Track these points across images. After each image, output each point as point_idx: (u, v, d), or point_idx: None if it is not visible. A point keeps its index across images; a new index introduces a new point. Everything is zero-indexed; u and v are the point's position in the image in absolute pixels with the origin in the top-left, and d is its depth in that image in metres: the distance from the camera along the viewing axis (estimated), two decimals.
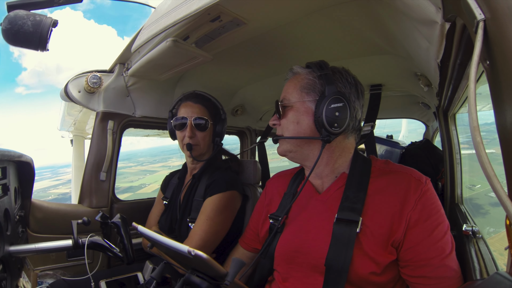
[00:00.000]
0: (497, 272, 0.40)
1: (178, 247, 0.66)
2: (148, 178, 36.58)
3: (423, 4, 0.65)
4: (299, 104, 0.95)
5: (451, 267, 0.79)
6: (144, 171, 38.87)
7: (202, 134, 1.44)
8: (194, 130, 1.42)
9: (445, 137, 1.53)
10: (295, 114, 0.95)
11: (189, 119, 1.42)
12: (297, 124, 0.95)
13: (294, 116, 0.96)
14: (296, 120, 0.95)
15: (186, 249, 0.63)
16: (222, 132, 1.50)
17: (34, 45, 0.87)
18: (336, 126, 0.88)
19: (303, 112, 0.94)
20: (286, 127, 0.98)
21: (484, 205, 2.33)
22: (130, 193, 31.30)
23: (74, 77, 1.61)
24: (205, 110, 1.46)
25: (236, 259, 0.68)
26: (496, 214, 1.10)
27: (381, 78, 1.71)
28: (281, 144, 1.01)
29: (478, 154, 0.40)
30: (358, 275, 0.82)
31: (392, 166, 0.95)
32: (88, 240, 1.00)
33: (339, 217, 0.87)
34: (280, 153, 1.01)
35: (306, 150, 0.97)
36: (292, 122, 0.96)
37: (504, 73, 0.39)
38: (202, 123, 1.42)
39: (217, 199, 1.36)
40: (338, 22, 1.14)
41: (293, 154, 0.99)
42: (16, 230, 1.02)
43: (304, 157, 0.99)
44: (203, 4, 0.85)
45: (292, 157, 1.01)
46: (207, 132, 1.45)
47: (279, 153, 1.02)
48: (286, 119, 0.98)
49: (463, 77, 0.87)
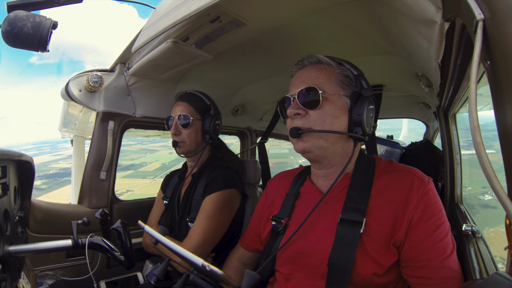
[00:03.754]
0: (497, 272, 0.40)
1: (191, 258, 0.65)
2: (148, 157, 37.10)
3: (423, 4, 0.65)
4: (336, 98, 0.89)
5: (452, 267, 0.79)
6: (145, 150, 39.21)
7: (186, 131, 1.45)
8: (178, 127, 1.45)
9: (445, 137, 1.53)
10: (333, 107, 0.88)
11: (175, 117, 1.45)
12: (335, 118, 0.88)
13: (332, 109, 0.88)
14: (334, 114, 0.88)
15: (200, 263, 0.62)
16: (210, 128, 1.48)
17: (34, 47, 0.87)
18: (369, 127, 0.88)
19: (340, 106, 0.89)
20: (322, 119, 0.88)
21: (475, 206, 2.36)
22: (131, 170, 31.81)
23: (75, 76, 1.61)
24: (189, 107, 1.47)
25: (249, 272, 0.66)
26: (486, 214, 1.13)
27: (381, 78, 1.71)
28: (307, 139, 0.89)
29: (478, 154, 0.40)
30: (360, 276, 0.81)
31: (395, 166, 0.95)
32: (88, 240, 1.00)
33: (343, 218, 0.86)
34: (306, 148, 0.90)
35: (336, 148, 0.91)
36: (330, 115, 0.88)
37: (504, 73, 0.38)
38: (186, 120, 1.45)
39: (215, 198, 1.36)
40: (338, 22, 1.14)
41: (321, 152, 0.90)
42: (15, 230, 1.02)
43: (329, 156, 0.93)
44: (203, 4, 0.85)
45: (317, 155, 0.92)
46: (192, 129, 1.46)
47: (302, 149, 0.91)
48: (322, 111, 0.88)
49: (464, 78, 0.87)
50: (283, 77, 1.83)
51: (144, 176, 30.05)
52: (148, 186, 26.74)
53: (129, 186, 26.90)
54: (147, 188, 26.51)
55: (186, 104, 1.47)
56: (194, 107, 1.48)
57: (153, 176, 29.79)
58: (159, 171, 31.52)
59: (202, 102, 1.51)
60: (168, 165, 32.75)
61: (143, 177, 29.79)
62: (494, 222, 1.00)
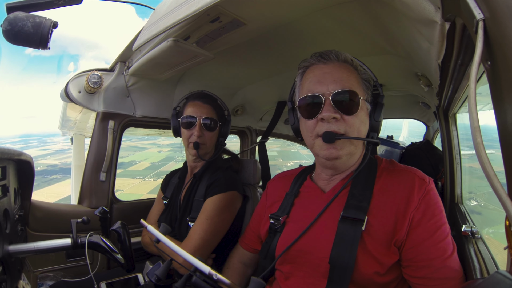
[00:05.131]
0: (498, 271, 0.40)
1: (199, 266, 0.65)
2: (138, 155, 37.08)
3: (422, 3, 0.65)
4: (363, 103, 0.86)
5: (454, 268, 0.79)
6: (134, 147, 39.09)
7: (210, 134, 1.46)
8: (203, 129, 1.44)
9: (445, 136, 1.53)
10: (363, 113, 0.87)
11: (198, 118, 1.43)
12: (363, 124, 0.87)
13: (364, 116, 0.87)
14: (364, 120, 0.87)
15: (207, 271, 0.62)
16: (226, 132, 1.53)
17: (35, 45, 0.87)
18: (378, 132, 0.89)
19: (366, 112, 0.88)
20: (357, 126, 0.85)
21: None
22: (121, 169, 31.44)
23: (75, 76, 1.60)
24: (213, 111, 1.48)
25: (255, 279, 0.66)
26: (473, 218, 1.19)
27: (381, 78, 1.70)
28: (342, 146, 0.85)
29: (478, 155, 0.40)
30: (362, 274, 0.81)
31: (397, 166, 0.95)
32: (87, 239, 1.00)
33: (345, 215, 0.86)
34: (338, 156, 0.86)
35: (359, 153, 0.92)
36: (362, 122, 0.86)
37: (505, 73, 0.38)
38: (211, 123, 1.45)
39: (217, 200, 1.36)
40: (338, 22, 1.14)
41: (347, 158, 0.89)
42: (15, 228, 1.01)
43: (350, 162, 0.93)
44: (202, 5, 0.85)
45: (342, 162, 0.90)
46: (215, 133, 1.48)
47: (333, 157, 0.86)
48: (358, 117, 0.85)
49: (464, 77, 0.87)
50: (283, 77, 1.83)
51: (133, 176, 30.02)
52: (138, 186, 26.77)
53: (119, 186, 26.86)
54: (137, 188, 26.52)
55: (209, 107, 1.47)
56: (216, 111, 1.49)
57: (143, 176, 29.85)
58: (148, 170, 31.54)
59: (221, 106, 1.53)
60: (158, 164, 32.85)
61: (133, 177, 29.74)
62: (480, 228, 1.06)
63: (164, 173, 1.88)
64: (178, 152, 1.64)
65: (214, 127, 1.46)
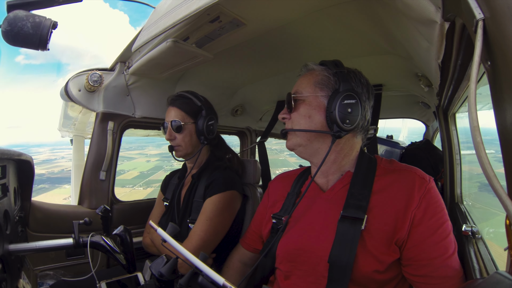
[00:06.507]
0: (497, 271, 0.40)
1: (211, 276, 0.63)
2: (125, 165, 37.08)
3: (423, 3, 0.65)
4: (311, 98, 0.94)
5: (454, 267, 0.79)
6: (121, 157, 39.69)
7: (180, 136, 1.46)
8: (172, 132, 1.46)
9: (445, 136, 1.53)
10: (307, 108, 0.94)
11: (168, 123, 1.47)
12: (308, 118, 0.94)
13: (306, 110, 0.94)
14: (308, 114, 0.94)
15: (222, 282, 0.61)
16: (204, 130, 1.48)
17: (34, 46, 0.87)
18: (348, 122, 0.88)
19: (315, 106, 0.93)
20: (297, 121, 0.96)
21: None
22: None
23: (75, 75, 1.60)
24: (180, 112, 1.47)
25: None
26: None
27: (381, 78, 1.71)
28: (290, 138, 0.99)
29: (478, 155, 0.40)
30: (361, 273, 0.81)
31: (396, 165, 0.95)
32: (89, 239, 1.00)
33: (344, 214, 0.86)
34: (289, 147, 1.00)
35: (316, 145, 0.96)
36: (303, 116, 0.95)
37: (505, 73, 0.38)
38: (178, 125, 1.46)
39: (216, 200, 1.36)
40: (338, 22, 1.14)
41: (302, 149, 0.98)
42: (15, 229, 1.01)
43: (313, 152, 0.98)
44: (203, 4, 0.85)
45: (301, 152, 0.99)
46: (186, 133, 1.47)
47: (288, 147, 1.01)
48: (298, 112, 0.96)
49: (464, 78, 0.87)
50: (283, 77, 1.83)
51: (123, 185, 30.05)
52: (128, 195, 26.74)
53: None
54: (127, 197, 26.72)
55: (176, 109, 1.48)
56: (184, 111, 1.48)
57: (132, 185, 29.91)
58: (138, 179, 31.75)
59: (192, 105, 1.50)
60: (147, 173, 33.11)
61: (122, 186, 29.79)
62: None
63: (153, 182, 1.89)
64: (167, 162, 1.64)
65: (180, 127, 1.46)
